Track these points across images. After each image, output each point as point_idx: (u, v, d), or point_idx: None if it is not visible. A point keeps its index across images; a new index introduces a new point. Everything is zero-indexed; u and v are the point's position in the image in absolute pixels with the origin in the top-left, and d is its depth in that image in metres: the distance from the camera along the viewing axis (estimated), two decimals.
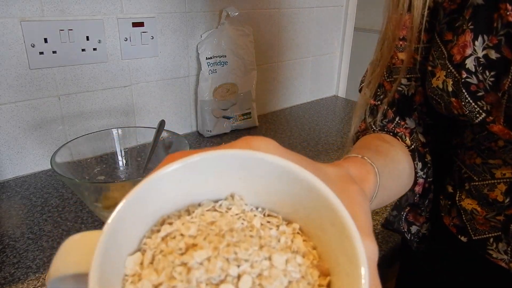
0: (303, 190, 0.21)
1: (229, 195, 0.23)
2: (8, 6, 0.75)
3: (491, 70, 0.35)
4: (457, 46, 0.37)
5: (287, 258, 0.20)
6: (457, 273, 0.50)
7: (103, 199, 0.63)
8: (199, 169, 0.21)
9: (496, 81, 0.35)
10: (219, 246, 0.19)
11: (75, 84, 0.87)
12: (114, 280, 0.19)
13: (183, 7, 0.98)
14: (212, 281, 0.18)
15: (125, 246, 0.20)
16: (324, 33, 1.39)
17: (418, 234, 0.53)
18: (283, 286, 0.19)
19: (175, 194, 0.22)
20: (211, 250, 0.19)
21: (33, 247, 0.63)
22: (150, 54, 0.96)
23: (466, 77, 0.37)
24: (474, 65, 0.36)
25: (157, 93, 1.01)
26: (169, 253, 0.20)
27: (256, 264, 0.19)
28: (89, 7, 0.84)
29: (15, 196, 0.77)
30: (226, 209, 0.22)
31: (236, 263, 0.19)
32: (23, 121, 0.82)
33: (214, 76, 1.04)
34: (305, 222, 0.22)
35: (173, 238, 0.20)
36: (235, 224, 0.21)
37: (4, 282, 0.55)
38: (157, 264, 0.19)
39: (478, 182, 0.45)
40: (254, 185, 0.22)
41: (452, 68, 0.38)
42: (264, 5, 1.16)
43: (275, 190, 0.22)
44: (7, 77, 0.78)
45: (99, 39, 0.86)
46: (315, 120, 1.24)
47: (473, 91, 0.37)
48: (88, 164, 0.72)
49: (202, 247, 0.19)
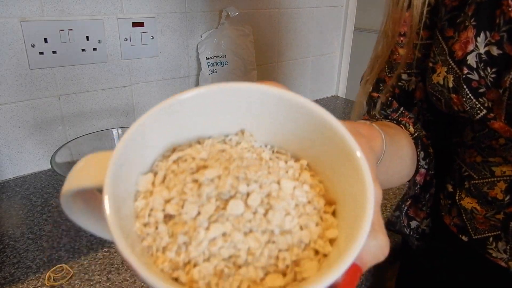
0: (317, 127, 0.21)
1: (239, 131, 0.23)
2: (8, 6, 0.75)
3: (493, 66, 0.35)
4: (459, 42, 0.37)
5: (295, 185, 0.20)
6: (457, 272, 0.50)
7: None
8: (213, 99, 0.21)
9: (498, 78, 0.35)
10: (229, 167, 0.20)
11: (75, 84, 0.87)
12: (125, 195, 0.19)
13: (183, 7, 0.98)
14: (222, 197, 0.19)
15: (136, 166, 0.20)
16: (324, 33, 1.39)
17: (417, 230, 0.53)
18: (290, 208, 0.20)
19: (187, 124, 0.22)
20: (221, 170, 0.20)
21: (33, 247, 0.62)
22: (150, 54, 0.96)
23: (467, 73, 0.37)
24: (475, 61, 0.36)
25: (157, 93, 1.01)
26: (180, 173, 0.20)
27: (264, 186, 0.20)
28: (89, 7, 0.84)
29: (15, 196, 0.77)
30: (235, 143, 0.22)
31: (246, 182, 0.19)
32: (23, 121, 0.82)
33: (214, 76, 1.04)
34: (313, 160, 0.22)
35: (185, 161, 0.21)
36: (244, 154, 0.21)
37: (4, 282, 0.55)
38: (168, 182, 0.20)
39: (478, 181, 0.45)
40: (264, 122, 0.22)
41: (454, 64, 0.38)
42: (264, 5, 1.16)
43: (285, 128, 0.22)
44: (7, 77, 0.78)
45: (99, 39, 0.86)
46: None
47: (475, 88, 0.37)
48: None
49: (213, 167, 0.20)
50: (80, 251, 0.62)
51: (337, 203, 0.21)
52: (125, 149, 0.19)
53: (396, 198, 0.79)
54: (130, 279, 0.56)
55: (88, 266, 0.59)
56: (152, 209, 0.19)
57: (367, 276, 0.59)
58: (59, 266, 0.58)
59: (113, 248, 0.62)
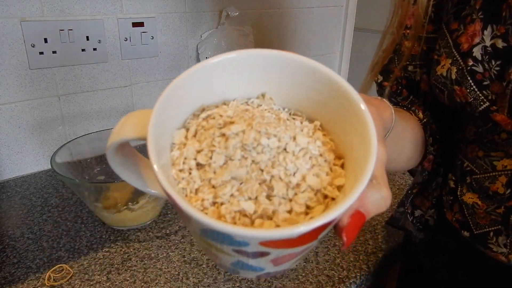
0: (330, 91, 0.24)
1: (260, 94, 0.26)
2: (8, 6, 0.75)
3: (497, 59, 0.36)
4: (465, 35, 0.38)
5: (308, 141, 0.23)
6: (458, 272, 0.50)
7: (103, 199, 0.63)
8: (238, 64, 0.24)
9: (502, 71, 0.36)
10: (252, 123, 0.23)
11: (75, 84, 0.87)
12: (163, 147, 0.23)
13: (183, 7, 0.98)
14: (246, 148, 0.22)
15: (171, 122, 0.24)
16: (324, 33, 1.39)
17: (421, 219, 0.53)
18: (303, 157, 0.23)
19: (215, 87, 0.25)
20: (245, 125, 0.23)
21: (33, 247, 0.62)
22: (150, 54, 0.96)
23: (472, 65, 0.37)
24: (481, 53, 0.37)
25: (157, 93, 1.01)
26: (209, 128, 0.23)
27: (283, 140, 0.23)
28: (89, 7, 0.84)
29: (15, 196, 0.77)
30: (257, 105, 0.26)
31: (267, 136, 0.23)
32: (23, 121, 0.82)
33: None
34: (325, 121, 0.25)
35: (213, 118, 0.24)
36: (265, 114, 0.25)
37: (4, 282, 0.55)
38: (199, 136, 0.23)
39: (480, 175, 0.45)
40: (283, 87, 0.25)
41: (459, 56, 0.39)
42: (264, 5, 1.16)
43: (302, 92, 0.25)
44: (7, 77, 0.78)
45: (99, 39, 0.86)
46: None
47: (479, 80, 0.37)
48: (88, 164, 0.72)
49: (238, 123, 0.23)
50: (80, 251, 0.62)
51: (346, 157, 0.24)
52: (163, 107, 0.22)
53: (396, 198, 0.79)
54: (130, 279, 0.56)
55: (88, 266, 0.59)
56: (186, 158, 0.23)
57: (367, 276, 0.59)
58: (59, 266, 0.58)
59: (113, 248, 0.63)
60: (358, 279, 0.58)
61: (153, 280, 0.56)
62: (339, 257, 0.61)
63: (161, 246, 0.63)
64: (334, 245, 0.64)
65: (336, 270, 0.59)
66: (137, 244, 0.64)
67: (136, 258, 0.61)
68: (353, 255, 0.62)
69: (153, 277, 0.57)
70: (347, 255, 0.62)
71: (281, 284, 0.56)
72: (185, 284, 0.55)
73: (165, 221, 0.70)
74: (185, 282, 0.56)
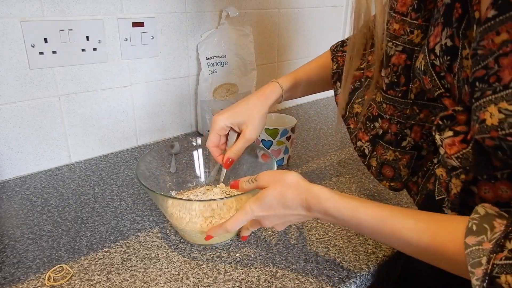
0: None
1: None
2: (8, 6, 0.75)
3: (447, 55, 0.44)
4: (433, 35, 0.46)
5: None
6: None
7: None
8: None
9: (450, 64, 0.44)
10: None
11: (75, 84, 0.87)
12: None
13: (183, 7, 0.98)
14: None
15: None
16: (324, 33, 1.39)
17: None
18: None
19: None
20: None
21: (33, 247, 0.62)
22: (150, 54, 0.96)
23: (433, 59, 0.46)
24: (439, 50, 0.45)
25: (157, 93, 1.01)
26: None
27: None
28: (89, 7, 0.84)
29: (15, 196, 0.77)
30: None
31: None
32: (23, 121, 0.82)
33: (214, 76, 1.04)
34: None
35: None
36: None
37: (4, 282, 0.55)
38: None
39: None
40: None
41: (427, 52, 0.47)
42: (264, 5, 1.16)
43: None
44: (7, 77, 0.78)
45: (99, 39, 0.86)
46: (315, 120, 1.24)
47: (438, 71, 0.46)
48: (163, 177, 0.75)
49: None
50: (80, 251, 0.62)
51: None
52: None
53: (396, 198, 0.79)
54: (130, 279, 0.56)
55: (88, 266, 0.59)
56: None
57: (368, 276, 0.59)
58: (59, 266, 0.58)
59: (113, 248, 0.63)
60: (358, 279, 0.58)
61: (153, 280, 0.56)
62: (339, 257, 0.61)
63: (161, 246, 0.63)
64: (334, 245, 0.64)
65: (336, 270, 0.59)
66: (137, 244, 0.64)
67: (136, 258, 0.61)
68: (353, 255, 0.62)
69: (153, 277, 0.57)
70: (347, 255, 0.62)
71: (281, 284, 0.56)
72: (185, 284, 0.55)
73: (164, 221, 0.70)
74: (185, 282, 0.56)
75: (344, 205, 0.47)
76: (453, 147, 0.43)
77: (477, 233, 0.36)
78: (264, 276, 0.57)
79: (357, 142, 0.65)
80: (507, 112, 0.34)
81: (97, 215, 0.71)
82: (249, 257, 0.61)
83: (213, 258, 0.61)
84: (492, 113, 0.35)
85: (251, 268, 0.59)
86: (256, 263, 0.60)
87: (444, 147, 0.44)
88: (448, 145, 0.44)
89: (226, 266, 0.59)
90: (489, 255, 0.34)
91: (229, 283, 0.56)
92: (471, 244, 0.36)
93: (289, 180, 0.51)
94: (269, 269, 0.59)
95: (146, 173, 0.67)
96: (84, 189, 0.80)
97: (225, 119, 0.66)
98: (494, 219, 0.36)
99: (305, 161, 0.95)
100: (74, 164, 0.91)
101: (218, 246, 0.64)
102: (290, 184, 0.51)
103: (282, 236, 0.67)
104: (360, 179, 0.87)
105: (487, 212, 0.37)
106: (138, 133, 1.01)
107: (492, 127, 0.35)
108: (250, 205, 0.52)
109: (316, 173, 0.89)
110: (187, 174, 0.76)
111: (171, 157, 0.75)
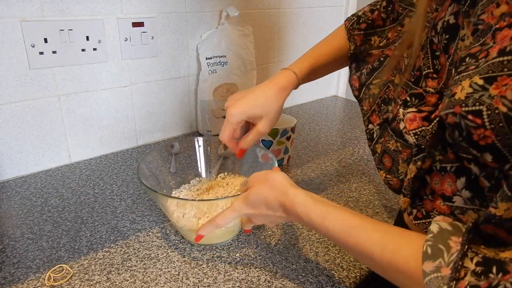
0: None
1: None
2: (8, 6, 0.75)
3: (447, 33, 0.42)
4: (441, 11, 0.44)
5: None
6: None
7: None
8: None
9: (447, 44, 0.42)
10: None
11: (75, 84, 0.87)
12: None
13: (183, 7, 0.98)
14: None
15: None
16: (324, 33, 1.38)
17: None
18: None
19: None
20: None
21: (33, 247, 0.62)
22: (150, 54, 0.96)
23: (432, 36, 0.44)
24: (440, 27, 0.43)
25: (157, 93, 1.01)
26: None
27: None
28: (89, 7, 0.84)
29: (15, 196, 0.77)
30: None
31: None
32: (23, 121, 0.82)
33: (214, 76, 1.04)
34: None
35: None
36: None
37: (4, 282, 0.55)
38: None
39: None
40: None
41: (430, 28, 0.45)
42: (264, 5, 1.16)
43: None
44: (7, 77, 0.78)
45: (99, 39, 0.86)
46: (315, 120, 1.24)
47: (434, 49, 0.44)
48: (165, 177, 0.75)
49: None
50: (80, 251, 0.62)
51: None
52: None
53: (396, 198, 0.79)
54: (130, 279, 0.56)
55: (88, 266, 0.59)
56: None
57: (367, 276, 0.59)
58: (59, 266, 0.58)
59: (113, 248, 0.63)
60: (358, 279, 0.58)
61: (153, 280, 0.56)
62: (339, 257, 0.61)
63: (161, 246, 0.63)
64: (334, 245, 0.64)
65: (336, 270, 0.59)
66: (137, 244, 0.64)
67: (136, 258, 0.61)
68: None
69: (153, 277, 0.57)
70: (347, 255, 0.62)
71: (281, 284, 0.56)
72: (185, 284, 0.55)
73: (165, 221, 0.70)
74: (185, 282, 0.56)
75: (315, 211, 0.46)
76: (413, 122, 0.42)
77: (433, 256, 0.33)
78: (264, 276, 0.57)
79: (369, 125, 0.63)
80: (475, 87, 0.32)
81: (97, 215, 0.71)
82: (249, 257, 0.61)
83: (213, 258, 0.61)
84: (464, 87, 0.33)
85: (251, 268, 0.59)
86: (256, 263, 0.60)
87: (405, 121, 0.43)
88: (409, 119, 0.43)
89: (226, 266, 0.59)
90: (449, 283, 0.31)
91: (229, 283, 0.56)
92: (428, 271, 0.33)
93: (272, 181, 0.51)
94: (269, 269, 0.59)
95: (147, 173, 0.67)
96: (84, 189, 0.80)
97: (242, 113, 0.60)
98: (449, 237, 0.34)
99: (305, 161, 0.95)
100: (74, 164, 0.91)
101: (218, 246, 0.64)
102: (273, 185, 0.50)
103: (282, 236, 0.67)
104: (360, 179, 0.87)
105: (441, 228, 0.35)
106: (138, 133, 1.01)
107: (457, 101, 0.33)
108: (238, 203, 0.53)
109: (316, 173, 0.89)
110: (187, 174, 0.76)
111: (171, 157, 0.75)
